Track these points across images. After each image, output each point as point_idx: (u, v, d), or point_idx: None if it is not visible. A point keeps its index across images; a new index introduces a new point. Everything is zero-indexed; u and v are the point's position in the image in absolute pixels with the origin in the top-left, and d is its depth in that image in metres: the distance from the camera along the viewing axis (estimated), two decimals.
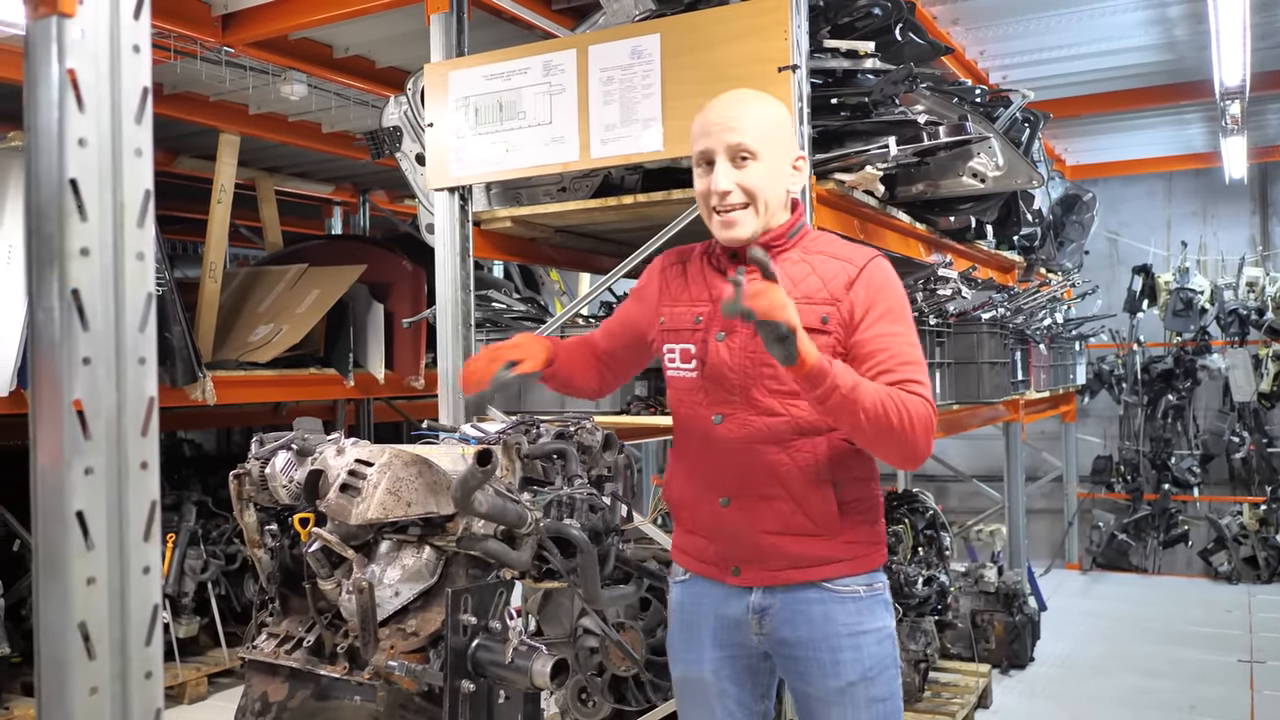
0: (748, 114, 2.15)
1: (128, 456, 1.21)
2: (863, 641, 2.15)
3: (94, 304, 1.18)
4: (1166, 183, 8.43)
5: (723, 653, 2.25)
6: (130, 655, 1.21)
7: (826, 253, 2.18)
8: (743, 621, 2.21)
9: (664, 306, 2.33)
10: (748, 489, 2.15)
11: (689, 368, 2.24)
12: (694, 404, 2.23)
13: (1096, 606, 6.87)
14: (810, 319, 2.08)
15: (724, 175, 2.13)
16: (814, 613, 2.15)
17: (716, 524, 2.21)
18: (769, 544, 2.15)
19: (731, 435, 2.16)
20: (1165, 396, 8.00)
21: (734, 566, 2.21)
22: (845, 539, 2.15)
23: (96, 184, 1.19)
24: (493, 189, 3.77)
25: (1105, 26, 4.86)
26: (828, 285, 2.13)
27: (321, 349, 5.94)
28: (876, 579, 2.21)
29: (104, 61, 1.20)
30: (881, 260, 2.19)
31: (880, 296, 2.12)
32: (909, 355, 2.08)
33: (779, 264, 2.15)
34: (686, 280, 2.31)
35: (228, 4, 4.17)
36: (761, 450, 2.13)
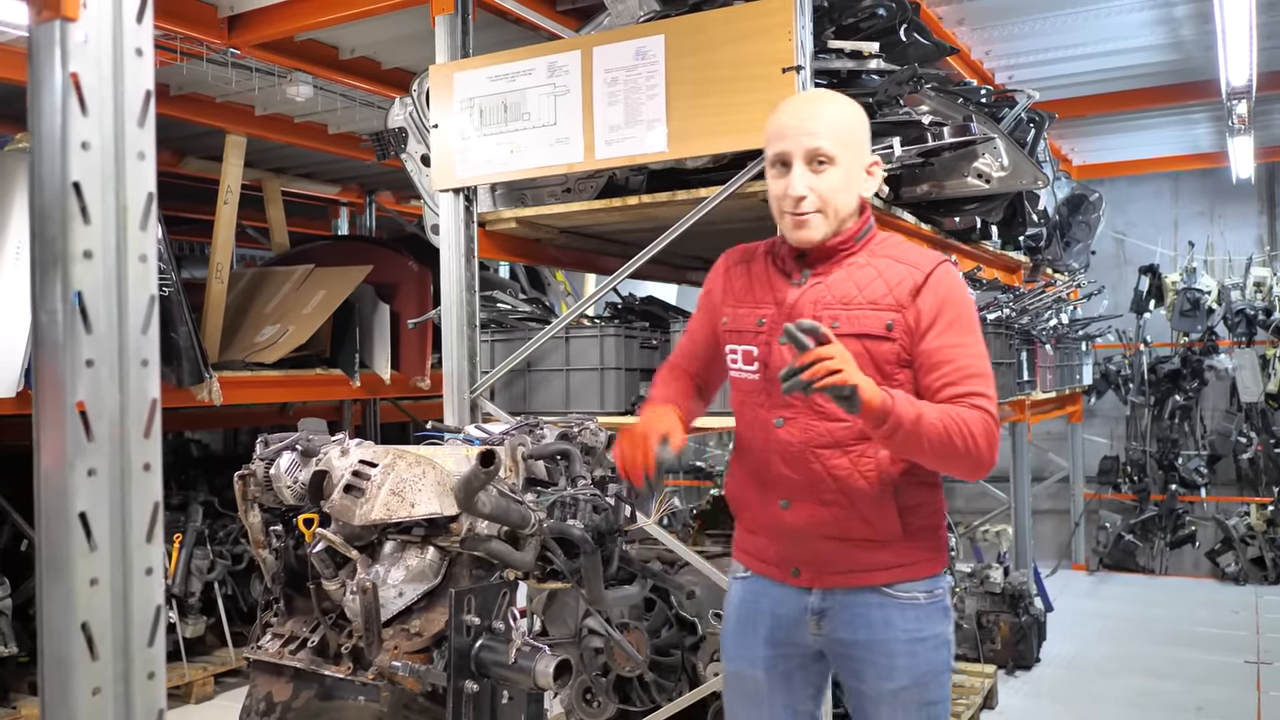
0: (827, 117, 2.12)
1: (130, 458, 1.21)
2: (919, 648, 2.14)
3: (97, 306, 1.19)
4: (1173, 183, 8.41)
5: (776, 651, 2.24)
6: (133, 656, 1.21)
7: (893, 256, 2.15)
8: (800, 621, 2.20)
9: (727, 307, 2.30)
10: (808, 493, 2.14)
11: (751, 369, 2.22)
12: (756, 406, 2.22)
13: (1103, 607, 6.85)
14: (875, 325, 2.08)
15: (800, 180, 2.09)
16: (873, 617, 2.14)
17: (777, 525, 2.20)
18: (829, 548, 2.14)
19: (793, 439, 2.14)
20: (1172, 397, 7.98)
21: (794, 568, 2.20)
22: (906, 544, 2.14)
23: (99, 187, 1.20)
24: (497, 190, 3.78)
25: (1111, 26, 4.85)
26: (893, 291, 2.10)
27: (328, 350, 5.95)
28: (937, 585, 2.19)
29: (107, 65, 1.20)
30: (949, 266, 2.16)
31: (947, 304, 2.09)
32: (975, 367, 2.06)
33: (844, 267, 2.15)
34: (750, 280, 2.28)
35: (234, 5, 4.18)
36: (823, 455, 2.12)
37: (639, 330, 3.78)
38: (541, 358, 3.73)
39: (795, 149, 2.10)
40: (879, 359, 2.08)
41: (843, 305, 2.11)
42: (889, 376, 2.08)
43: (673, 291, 8.10)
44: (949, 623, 2.21)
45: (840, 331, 2.06)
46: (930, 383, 2.06)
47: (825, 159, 2.09)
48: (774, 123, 2.17)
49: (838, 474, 2.10)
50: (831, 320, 2.09)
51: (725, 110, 3.12)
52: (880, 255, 2.16)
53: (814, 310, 2.13)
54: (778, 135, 2.14)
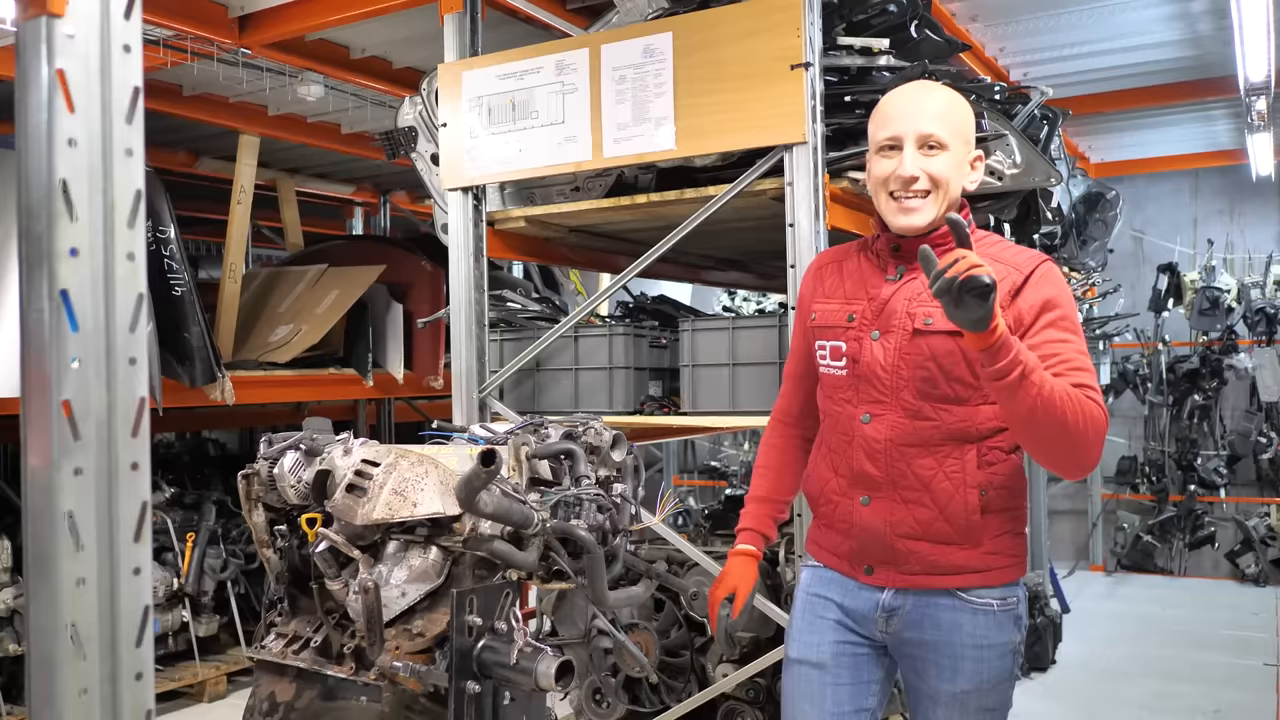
0: (940, 103, 2.15)
1: (118, 457, 1.21)
2: (986, 654, 2.12)
3: (84, 305, 1.18)
4: (1193, 180, 8.33)
5: (843, 638, 2.24)
6: (121, 656, 1.20)
7: (993, 256, 2.11)
8: (869, 617, 2.20)
9: (816, 303, 2.30)
10: (890, 491, 2.13)
11: (839, 365, 2.22)
12: (843, 401, 2.21)
13: (1120, 609, 6.80)
14: None
15: (912, 160, 2.10)
16: (943, 619, 2.13)
17: (855, 521, 2.19)
18: (906, 548, 2.13)
19: (879, 435, 2.14)
20: (1191, 396, 7.91)
21: (868, 565, 2.20)
22: (985, 549, 2.12)
23: (86, 184, 1.19)
24: (506, 189, 3.77)
25: (1126, 22, 4.80)
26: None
27: (341, 349, 5.96)
28: (1012, 593, 2.16)
29: (94, 61, 1.20)
30: (1051, 265, 2.13)
31: (1050, 304, 2.06)
32: (1082, 363, 2.02)
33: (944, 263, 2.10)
34: (843, 277, 2.28)
35: (244, 5, 4.19)
36: (908, 453, 2.12)
37: (648, 329, 3.76)
38: (550, 357, 3.72)
39: (908, 131, 2.12)
40: (971, 357, 2.05)
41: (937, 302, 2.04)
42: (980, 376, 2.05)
43: (688, 291, 8.08)
44: (1020, 632, 2.18)
45: (935, 328, 2.08)
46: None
47: (937, 144, 2.11)
48: (883, 109, 2.20)
49: (922, 473, 2.10)
50: (925, 317, 2.10)
51: (733, 108, 3.09)
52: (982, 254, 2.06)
53: (909, 306, 2.13)
54: (888, 119, 2.16)
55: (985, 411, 2.09)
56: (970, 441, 2.10)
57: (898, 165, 2.11)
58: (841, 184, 3.18)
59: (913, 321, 2.12)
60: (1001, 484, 2.12)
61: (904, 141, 2.12)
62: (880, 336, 2.15)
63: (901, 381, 2.12)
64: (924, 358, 2.10)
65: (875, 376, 2.15)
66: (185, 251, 9.10)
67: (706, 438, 9.11)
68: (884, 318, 2.15)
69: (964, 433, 2.10)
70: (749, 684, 3.38)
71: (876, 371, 2.15)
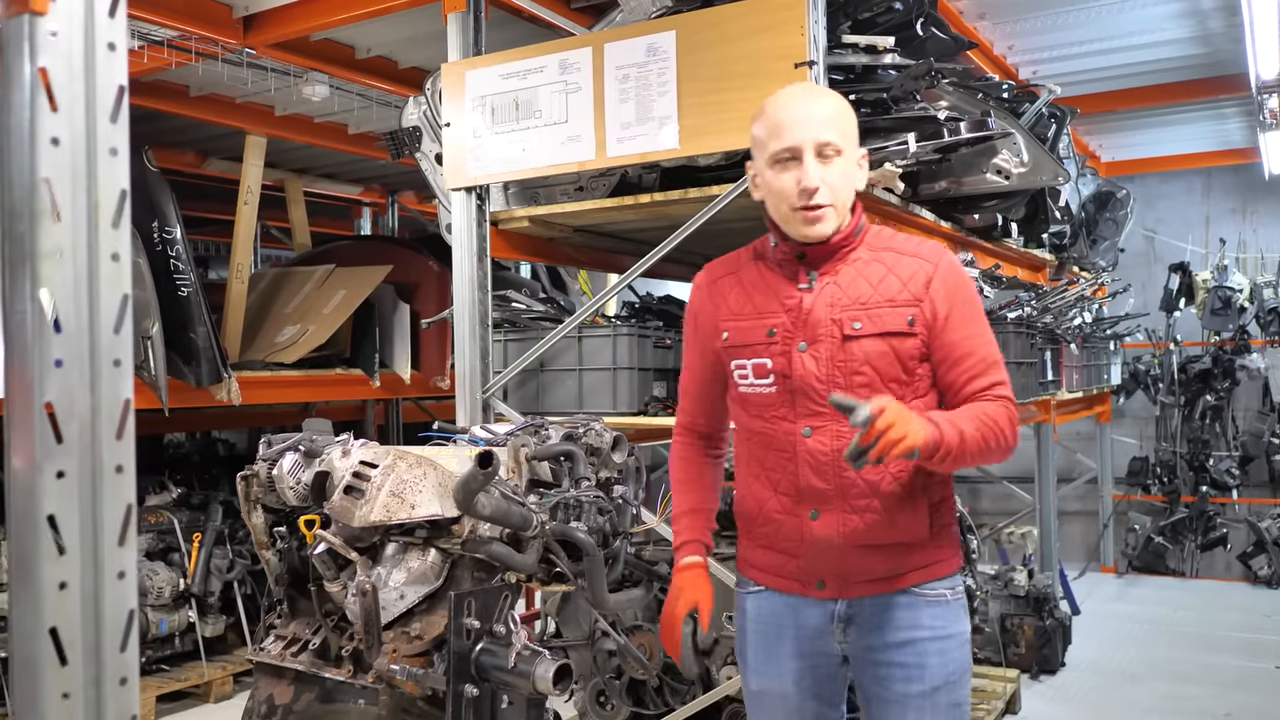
0: (830, 108, 2.10)
1: (102, 460, 1.19)
2: (947, 646, 2.12)
3: (67, 306, 1.17)
4: (1205, 179, 8.26)
5: (804, 663, 2.19)
6: (105, 661, 1.19)
7: (894, 249, 2.12)
8: (825, 630, 2.16)
9: (724, 322, 2.22)
10: (840, 501, 2.09)
11: (765, 383, 2.15)
12: (777, 418, 2.14)
13: (1131, 610, 6.74)
14: (897, 322, 2.06)
15: (814, 171, 2.03)
16: (901, 618, 2.12)
17: (804, 538, 2.13)
18: (859, 556, 2.10)
19: (824, 448, 2.09)
20: (1203, 397, 7.84)
21: (819, 580, 2.15)
22: (932, 544, 2.13)
23: (70, 184, 1.18)
24: (510, 189, 3.76)
25: (1136, 20, 4.76)
26: (908, 285, 2.08)
27: (348, 349, 5.96)
28: (958, 582, 2.18)
29: (78, 60, 1.18)
30: (953, 255, 2.16)
31: (959, 294, 2.09)
32: (993, 355, 2.10)
33: (850, 265, 2.11)
34: (746, 290, 2.20)
35: (249, 5, 4.18)
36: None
37: (652, 330, 3.75)
38: (554, 357, 3.71)
39: (805, 140, 2.04)
40: (904, 355, 2.07)
41: (861, 306, 2.08)
42: (911, 372, 2.08)
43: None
44: (969, 621, 2.21)
45: (864, 332, 2.06)
46: (955, 378, 2.07)
47: (833, 150, 2.05)
48: (772, 118, 2.11)
49: (870, 477, 2.07)
50: (853, 322, 2.06)
51: (737, 106, 3.07)
52: (881, 249, 2.13)
53: (832, 313, 2.08)
54: (781, 128, 2.08)
55: (918, 406, 2.07)
56: None
57: (800, 176, 2.03)
58: None
59: (841, 329, 2.08)
60: (940, 478, 2.14)
61: (802, 151, 2.04)
62: (808, 348, 2.10)
63: (838, 390, 2.07)
64: (858, 363, 2.07)
65: (811, 389, 2.09)
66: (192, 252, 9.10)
67: None
68: (809, 328, 2.09)
69: None
70: None
71: (811, 384, 2.09)
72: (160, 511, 5.26)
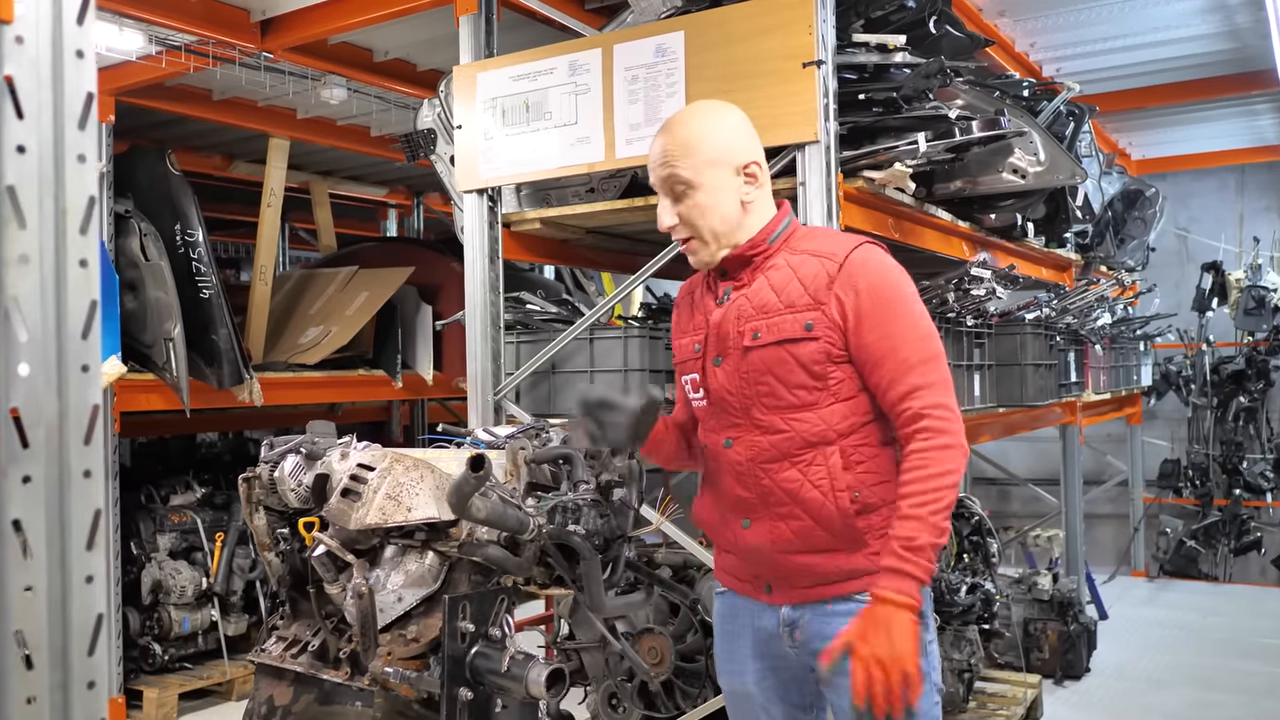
0: (677, 142, 2.10)
1: (70, 465, 1.20)
2: None
3: (33, 312, 1.17)
4: (1238, 176, 8.13)
5: (764, 664, 2.21)
6: (72, 665, 1.19)
7: (809, 250, 2.09)
8: (776, 635, 2.17)
9: (674, 339, 2.32)
10: (765, 509, 2.11)
11: (699, 396, 2.21)
12: (707, 430, 2.22)
13: (1161, 615, 6.64)
14: (793, 328, 2.04)
15: (665, 211, 2.12)
16: (839, 625, 2.03)
17: (741, 545, 2.17)
18: (792, 563, 2.10)
19: (741, 457, 2.12)
20: (1236, 398, 7.71)
21: (765, 584, 2.17)
22: (872, 550, 2.05)
23: (36, 191, 1.18)
24: (523, 190, 3.76)
25: (1160, 15, 4.68)
26: (809, 289, 2.05)
27: (371, 351, 6.00)
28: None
29: (45, 67, 1.19)
30: (867, 248, 2.07)
31: (871, 291, 2.01)
32: (916, 353, 2.00)
33: (764, 273, 2.11)
34: (692, 308, 2.27)
35: (266, 9, 4.21)
36: (772, 469, 2.09)
37: (664, 331, 3.73)
38: (566, 359, 3.70)
39: (655, 182, 2.13)
40: (805, 360, 2.04)
41: (763, 314, 2.08)
42: (821, 376, 2.04)
43: None
44: (927, 630, 2.06)
45: (763, 341, 2.06)
46: (876, 382, 2.02)
47: (684, 184, 2.08)
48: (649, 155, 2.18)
49: (788, 486, 2.06)
50: (753, 333, 2.08)
51: (745, 107, 2.96)
52: (799, 251, 2.10)
53: (738, 325, 2.10)
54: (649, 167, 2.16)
55: (839, 411, 2.05)
56: (830, 444, 2.05)
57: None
58: (856, 183, 3.13)
59: (743, 339, 2.09)
60: (876, 481, 2.06)
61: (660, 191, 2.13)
62: (722, 361, 2.14)
63: (748, 400, 2.10)
64: (759, 373, 2.07)
65: (725, 402, 2.13)
66: (222, 254, 9.18)
67: None
68: (719, 341, 2.14)
69: (821, 436, 2.05)
70: None
71: (725, 397, 2.13)
72: (184, 511, 5.32)
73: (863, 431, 2.07)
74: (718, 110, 2.18)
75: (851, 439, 2.06)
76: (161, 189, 4.89)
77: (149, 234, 4.79)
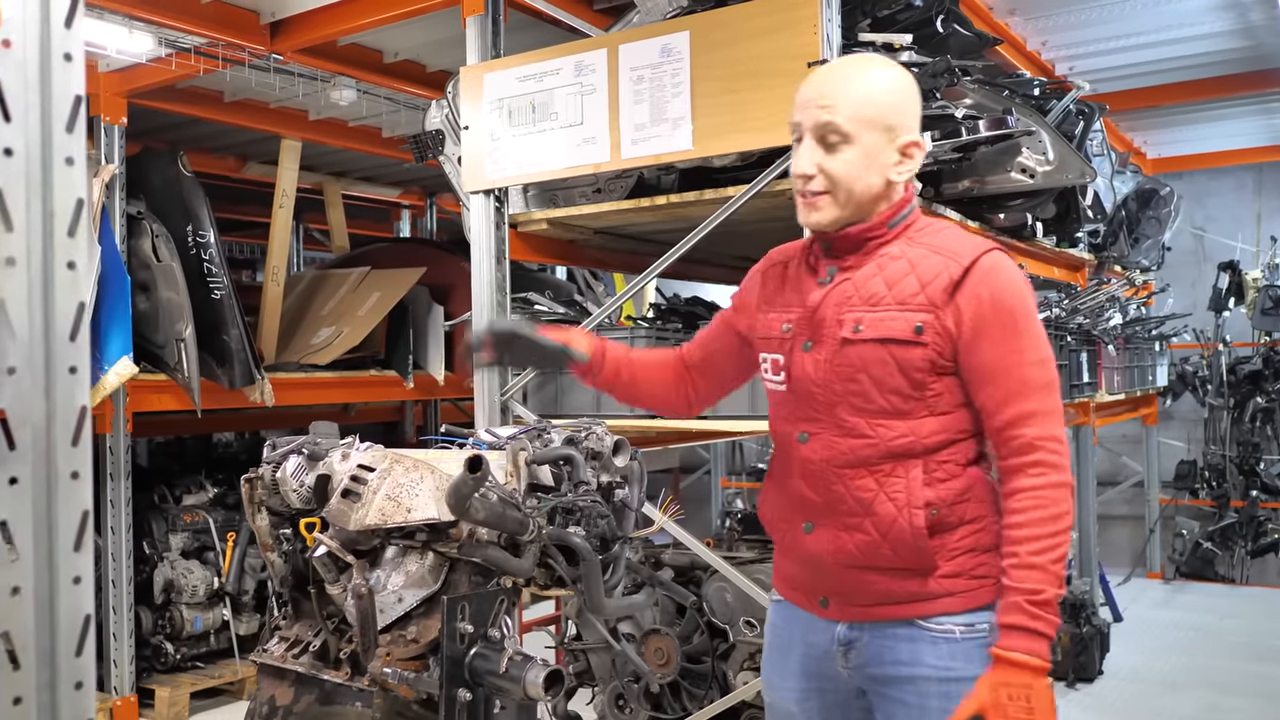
0: (849, 89, 1.88)
1: (57, 466, 1.20)
2: (953, 690, 1.86)
3: (20, 313, 1.18)
4: (1256, 175, 8.06)
5: (810, 684, 2.05)
6: (59, 665, 1.20)
7: (930, 246, 1.91)
8: (830, 653, 2.01)
9: (759, 313, 2.11)
10: (830, 516, 1.94)
11: (778, 380, 2.03)
12: (783, 419, 2.04)
13: (1177, 618, 6.58)
14: (902, 329, 1.87)
15: (806, 156, 1.89)
16: (900, 651, 1.92)
17: (801, 551, 2.01)
18: (854, 578, 1.94)
19: (815, 456, 1.95)
20: (1253, 399, 7.64)
21: (822, 597, 2.01)
22: (942, 573, 1.89)
23: (24, 193, 1.19)
24: (530, 191, 3.76)
25: (1173, 13, 4.64)
26: (926, 289, 1.87)
27: (383, 351, 6.02)
28: (979, 618, 1.89)
29: (33, 70, 1.19)
30: (997, 254, 1.90)
31: (996, 304, 1.84)
32: (1035, 376, 1.85)
33: (875, 260, 1.93)
34: (784, 283, 2.08)
35: (275, 11, 4.23)
36: (846, 475, 1.91)
37: (671, 331, 3.73)
38: None
39: (806, 122, 1.90)
40: (907, 366, 1.87)
41: (869, 306, 1.90)
42: (920, 385, 1.87)
43: (725, 293, 8.01)
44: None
45: (864, 336, 1.89)
46: (984, 401, 1.87)
47: (839, 136, 1.86)
48: (799, 89, 1.95)
49: (861, 495, 1.90)
50: (855, 324, 1.90)
51: (750, 107, 3.05)
52: (918, 244, 1.92)
53: (838, 312, 1.92)
54: (798, 104, 1.93)
55: (930, 424, 1.89)
56: (914, 458, 1.88)
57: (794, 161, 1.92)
58: None
59: (841, 329, 1.92)
60: (955, 499, 1.89)
61: (803, 133, 1.91)
62: (811, 348, 1.96)
63: (835, 397, 1.92)
64: (854, 369, 1.90)
65: (809, 393, 1.96)
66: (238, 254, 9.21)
67: (755, 440, 9.04)
68: (814, 326, 1.96)
69: (907, 449, 1.88)
70: None
71: (809, 388, 1.96)
72: (196, 511, 5.34)
73: (952, 449, 1.91)
74: (896, 71, 1.95)
75: (938, 455, 1.90)
76: (173, 190, 4.92)
77: (161, 235, 4.82)
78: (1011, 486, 1.85)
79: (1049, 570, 1.78)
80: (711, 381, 2.31)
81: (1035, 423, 1.83)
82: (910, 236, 1.94)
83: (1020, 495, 1.83)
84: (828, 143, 1.87)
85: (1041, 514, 1.80)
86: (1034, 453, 1.83)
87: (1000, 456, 1.89)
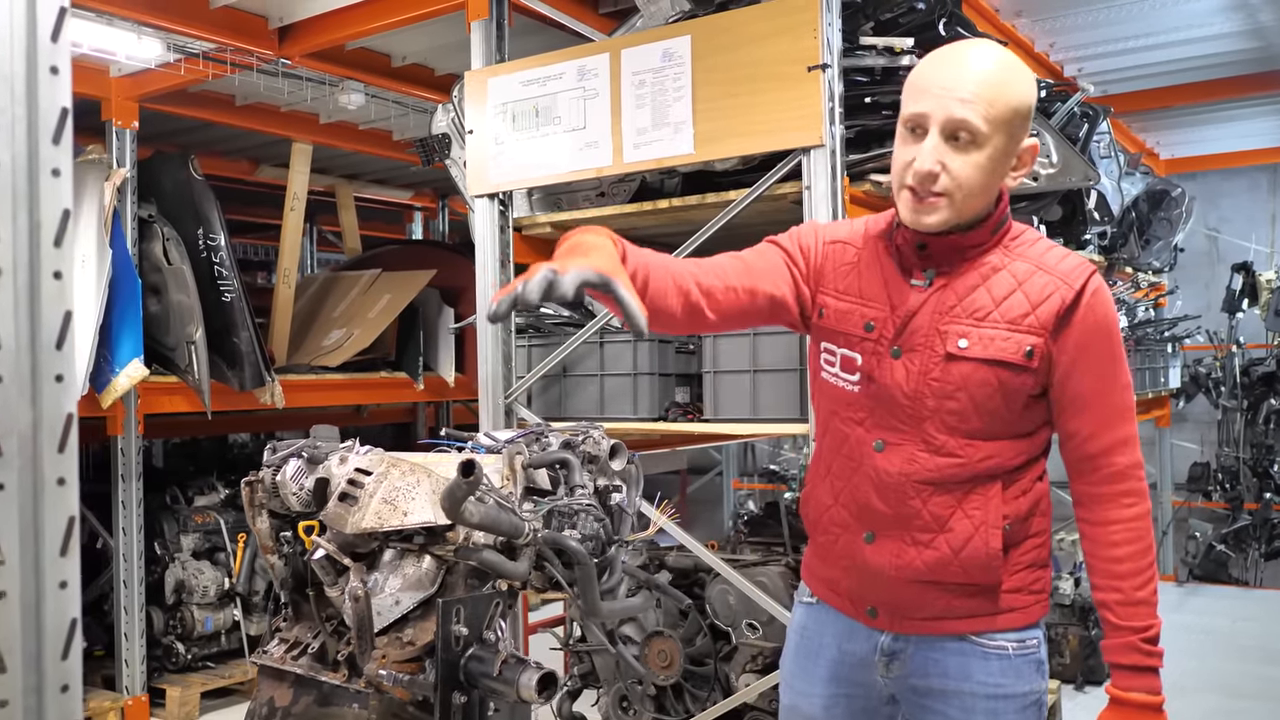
0: (988, 84, 1.71)
1: (43, 473, 1.22)
2: (1001, 708, 1.84)
3: (7, 323, 1.20)
4: (1270, 175, 8.01)
5: (839, 690, 1.98)
6: (45, 669, 1.22)
7: (1035, 261, 1.80)
8: (869, 661, 1.94)
9: (825, 295, 1.94)
10: (899, 530, 1.85)
11: (851, 379, 1.90)
12: (852, 421, 1.91)
13: (1189, 621, 6.55)
14: (1013, 351, 1.77)
15: (931, 153, 1.72)
16: (950, 665, 1.87)
17: (856, 559, 1.91)
18: (914, 593, 1.87)
19: (892, 468, 1.84)
20: (1267, 400, 7.58)
21: (870, 607, 1.93)
22: (1004, 589, 1.85)
23: (10, 205, 1.21)
24: (534, 194, 3.78)
25: (1182, 14, 4.62)
26: (1036, 310, 1.77)
27: (393, 353, 6.05)
28: (1031, 635, 1.88)
29: (19, 83, 1.21)
30: (1099, 278, 1.82)
31: (1099, 333, 1.78)
32: (1125, 401, 1.81)
33: (976, 269, 1.81)
34: (858, 269, 1.92)
35: (283, 16, 4.26)
36: (925, 491, 1.82)
37: (673, 336, 3.73)
38: (576, 363, 3.71)
39: (935, 113, 1.72)
40: (1011, 390, 1.78)
41: (974, 321, 1.79)
42: (1016, 410, 1.80)
43: None
44: (1042, 679, 1.90)
45: (971, 354, 1.78)
46: (1076, 428, 1.81)
47: (970, 135, 1.71)
48: (919, 73, 1.77)
49: (939, 512, 1.82)
50: (959, 339, 1.79)
51: (751, 111, 3.05)
52: (1018, 256, 1.81)
53: (938, 323, 1.81)
54: (920, 90, 1.75)
55: (1015, 446, 1.83)
56: (995, 479, 1.82)
57: (918, 155, 1.73)
58: (863, 187, 3.12)
59: (944, 343, 1.80)
60: (1026, 515, 1.85)
61: (929, 124, 1.72)
62: (902, 355, 1.83)
63: (925, 411, 1.81)
64: (954, 387, 1.79)
65: (894, 402, 1.83)
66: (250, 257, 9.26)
67: (766, 441, 9.03)
68: (908, 333, 1.83)
69: (991, 471, 1.81)
70: (772, 694, 3.33)
71: (896, 397, 1.83)
72: (207, 512, 5.39)
73: (1029, 467, 1.86)
74: (1025, 68, 1.80)
75: (1016, 474, 1.85)
76: (184, 194, 4.96)
77: (171, 238, 4.87)
78: (1105, 516, 1.81)
79: (1152, 604, 1.77)
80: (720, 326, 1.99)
81: (1127, 450, 1.81)
82: (1007, 246, 1.84)
83: (1116, 527, 1.79)
84: (957, 140, 1.73)
85: (1139, 546, 1.78)
86: (1126, 481, 1.80)
87: (1086, 482, 1.84)
